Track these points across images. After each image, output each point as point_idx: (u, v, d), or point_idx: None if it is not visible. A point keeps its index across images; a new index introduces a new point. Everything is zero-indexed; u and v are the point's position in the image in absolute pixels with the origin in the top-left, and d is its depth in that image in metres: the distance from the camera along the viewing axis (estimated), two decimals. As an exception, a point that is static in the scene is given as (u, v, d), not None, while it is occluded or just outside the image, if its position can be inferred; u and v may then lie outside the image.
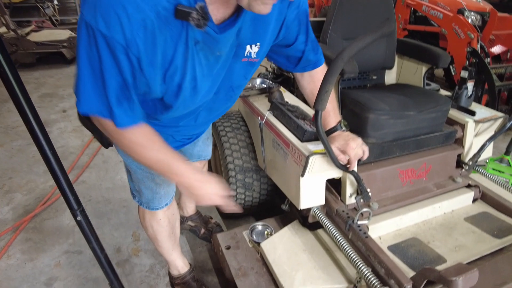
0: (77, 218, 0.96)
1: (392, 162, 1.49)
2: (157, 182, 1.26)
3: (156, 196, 1.30)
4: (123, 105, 0.80)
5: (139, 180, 1.25)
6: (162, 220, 1.40)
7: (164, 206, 1.36)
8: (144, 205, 1.34)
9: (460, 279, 0.99)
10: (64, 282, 1.70)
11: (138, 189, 1.29)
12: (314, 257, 1.40)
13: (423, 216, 1.52)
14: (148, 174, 1.22)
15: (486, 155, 1.75)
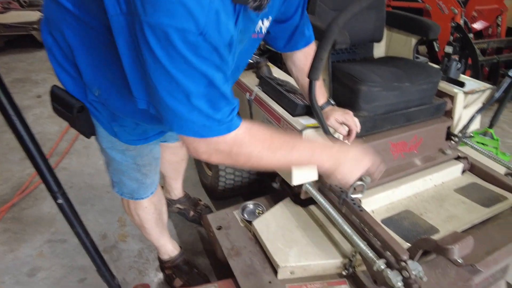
0: (58, 201, 0.89)
1: (384, 136, 1.47)
2: (143, 172, 1.19)
3: (142, 186, 1.23)
4: (224, 107, 0.71)
5: (123, 171, 1.16)
6: (148, 207, 1.33)
7: (150, 194, 1.29)
8: (127, 196, 1.26)
9: (456, 246, 0.99)
10: (48, 272, 1.63)
11: (120, 180, 1.21)
12: (308, 233, 1.37)
13: (415, 188, 1.51)
14: (134, 165, 1.14)
15: (475, 127, 1.75)
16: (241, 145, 0.76)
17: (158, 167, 1.26)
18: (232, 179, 1.77)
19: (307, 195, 1.42)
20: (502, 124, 3.27)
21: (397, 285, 1.03)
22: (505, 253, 1.17)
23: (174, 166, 1.68)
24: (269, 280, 1.27)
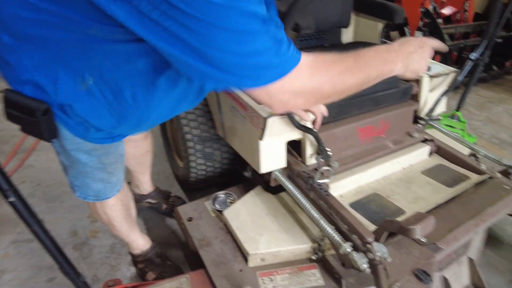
0: (10, 199, 0.85)
1: (351, 121, 1.48)
2: (109, 171, 1.14)
3: (108, 186, 1.19)
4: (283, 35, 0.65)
5: (87, 173, 1.11)
6: (115, 205, 1.30)
7: (116, 193, 1.25)
8: (92, 198, 1.21)
9: (418, 227, 1.01)
10: (14, 273, 1.58)
11: (84, 183, 1.15)
12: (278, 219, 1.38)
13: (383, 172, 1.54)
14: (100, 164, 1.09)
15: (441, 110, 1.79)
16: (320, 71, 0.72)
17: (124, 163, 1.23)
18: (203, 169, 1.75)
19: (277, 182, 1.42)
20: (469, 107, 3.38)
21: (362, 267, 1.05)
22: (465, 230, 1.21)
23: (139, 159, 1.64)
24: (240, 269, 1.27)
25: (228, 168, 1.84)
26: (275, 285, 1.22)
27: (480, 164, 1.60)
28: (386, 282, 1.04)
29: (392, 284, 1.04)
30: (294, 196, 1.30)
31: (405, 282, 1.05)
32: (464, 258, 1.38)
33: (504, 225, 1.93)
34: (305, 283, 1.23)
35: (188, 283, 1.30)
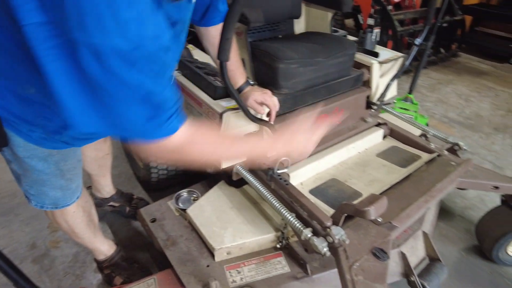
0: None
1: (306, 110, 1.52)
2: (68, 177, 1.10)
3: (67, 192, 1.14)
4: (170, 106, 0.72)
5: (44, 181, 1.05)
6: (76, 212, 1.25)
7: (76, 199, 1.20)
8: (49, 207, 1.15)
9: (372, 208, 1.06)
10: (-31, 292, 1.49)
11: (40, 192, 1.09)
12: (242, 212, 1.40)
13: (340, 157, 1.60)
14: (58, 171, 1.05)
15: (391, 94, 1.88)
16: (192, 143, 0.79)
17: (81, 169, 1.18)
18: (165, 169, 1.73)
19: (239, 176, 1.43)
20: (421, 89, 3.56)
21: (323, 250, 1.09)
22: (416, 207, 1.29)
23: (99, 162, 1.59)
24: (207, 264, 1.28)
25: (191, 165, 1.82)
26: (243, 276, 1.24)
27: (430, 143, 1.71)
28: (346, 263, 1.09)
29: (352, 265, 1.09)
30: (255, 188, 1.32)
31: (364, 261, 1.10)
32: (419, 233, 1.47)
33: (455, 198, 2.08)
34: (271, 271, 1.26)
35: (156, 284, 1.29)
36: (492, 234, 1.59)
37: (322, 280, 1.27)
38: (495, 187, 1.51)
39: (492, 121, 3.03)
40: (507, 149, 2.64)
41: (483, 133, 2.83)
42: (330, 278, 1.28)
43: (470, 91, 3.60)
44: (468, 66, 4.30)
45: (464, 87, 3.68)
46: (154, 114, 0.70)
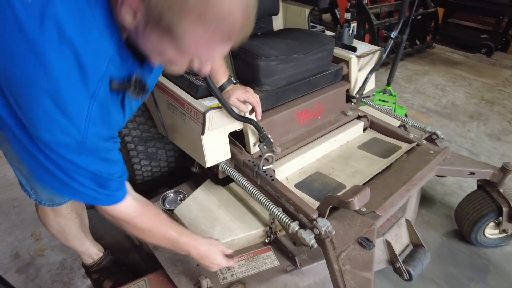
0: None
1: (288, 106, 1.54)
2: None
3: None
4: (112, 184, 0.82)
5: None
6: (70, 213, 1.24)
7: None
8: (46, 203, 1.14)
9: (356, 198, 1.10)
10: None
11: (37, 186, 1.08)
12: (230, 210, 1.41)
13: (323, 151, 1.63)
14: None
15: (370, 87, 1.92)
16: (129, 218, 0.91)
17: None
18: (149, 170, 1.72)
19: (225, 174, 1.45)
20: (400, 80, 3.65)
21: (310, 243, 1.11)
22: (398, 196, 1.34)
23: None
24: (197, 263, 1.29)
25: (175, 166, 1.82)
26: (233, 273, 1.26)
27: (409, 134, 1.76)
28: (334, 253, 1.12)
29: (339, 255, 1.12)
30: (242, 185, 1.33)
31: (351, 251, 1.14)
32: (402, 221, 1.52)
33: (435, 186, 2.15)
34: (261, 266, 1.28)
35: (147, 285, 1.29)
36: (470, 217, 1.65)
37: (311, 271, 1.30)
38: (471, 172, 1.58)
39: (467, 110, 3.14)
40: (481, 136, 2.74)
41: (459, 122, 2.93)
42: (319, 269, 1.31)
43: (445, 81, 3.71)
44: (442, 57, 4.43)
45: (440, 77, 3.79)
46: (101, 185, 0.79)
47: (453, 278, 1.59)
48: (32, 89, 0.61)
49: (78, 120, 0.66)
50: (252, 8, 0.64)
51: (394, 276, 1.55)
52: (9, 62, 0.60)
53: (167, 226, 1.00)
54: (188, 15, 0.58)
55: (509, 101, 3.36)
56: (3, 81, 0.63)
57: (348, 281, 1.03)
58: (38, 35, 0.58)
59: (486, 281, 1.59)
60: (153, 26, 0.62)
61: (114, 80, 0.69)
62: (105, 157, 0.76)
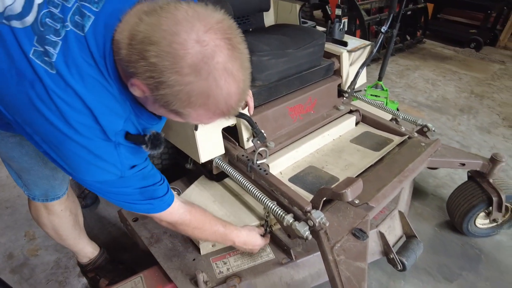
0: None
1: (281, 101, 1.55)
2: (52, 166, 1.07)
3: (55, 183, 1.13)
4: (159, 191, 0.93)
5: (27, 170, 1.04)
6: (63, 211, 1.23)
7: (65, 192, 1.19)
8: (41, 199, 1.14)
9: (348, 190, 1.11)
10: None
11: (28, 181, 1.08)
12: (225, 205, 1.42)
13: (316, 145, 1.64)
14: (38, 158, 1.02)
15: (361, 81, 1.94)
16: (184, 218, 1.02)
17: None
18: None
19: (219, 169, 1.45)
20: (391, 75, 3.68)
21: (305, 234, 1.13)
22: (391, 188, 1.36)
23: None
24: (193, 258, 1.30)
25: (169, 164, 1.82)
26: (229, 267, 1.26)
27: (401, 127, 1.78)
28: (328, 244, 1.14)
29: (333, 246, 1.13)
30: (236, 179, 1.34)
31: (345, 242, 1.15)
32: (395, 212, 1.54)
33: (427, 178, 2.18)
34: (257, 259, 1.29)
35: (143, 281, 1.29)
36: (461, 208, 1.68)
37: (306, 264, 1.31)
38: (462, 163, 1.60)
39: (458, 103, 3.18)
40: (472, 129, 2.78)
41: (450, 115, 2.97)
42: (314, 262, 1.32)
43: (436, 75, 3.75)
44: (433, 52, 4.48)
45: (430, 72, 3.84)
46: (150, 197, 0.89)
47: (445, 268, 1.62)
48: (69, 145, 0.72)
49: (114, 160, 0.76)
50: (246, 86, 0.72)
51: (388, 267, 1.57)
52: (44, 126, 0.70)
53: (214, 222, 1.12)
54: (192, 104, 0.67)
55: (498, 94, 3.41)
56: (41, 139, 0.73)
57: (342, 271, 1.05)
58: (66, 106, 0.68)
59: (477, 270, 1.62)
60: (161, 106, 0.71)
61: (130, 134, 0.78)
62: (143, 176, 0.85)
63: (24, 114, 0.70)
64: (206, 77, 0.64)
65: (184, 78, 0.63)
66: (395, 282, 1.55)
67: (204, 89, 0.65)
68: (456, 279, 1.57)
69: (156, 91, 0.65)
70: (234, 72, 0.67)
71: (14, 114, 0.71)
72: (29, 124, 0.71)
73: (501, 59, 4.35)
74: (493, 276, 1.60)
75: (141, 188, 0.86)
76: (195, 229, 1.07)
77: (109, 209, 1.89)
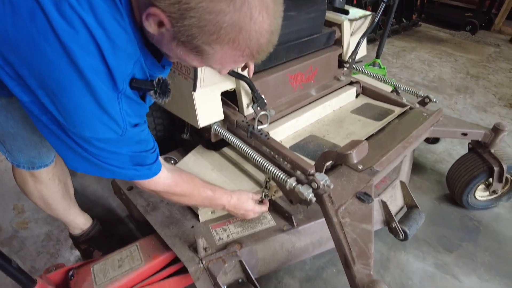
0: None
1: (281, 68, 1.49)
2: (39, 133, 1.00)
3: (43, 150, 1.05)
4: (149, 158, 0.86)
5: (12, 136, 0.96)
6: (51, 180, 1.16)
7: (53, 159, 1.12)
8: (26, 166, 1.06)
9: (354, 151, 1.07)
10: None
11: (12, 148, 1.00)
12: (224, 173, 1.37)
13: (316, 115, 1.60)
14: (25, 124, 0.95)
15: (362, 53, 1.89)
16: (169, 188, 0.96)
17: None
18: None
19: (218, 137, 1.40)
20: (387, 56, 3.65)
21: (309, 197, 1.09)
22: (395, 152, 1.32)
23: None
24: (191, 225, 1.25)
25: (164, 136, 1.76)
26: (229, 233, 1.22)
27: (402, 98, 1.75)
28: (332, 207, 1.10)
29: (338, 209, 1.10)
30: (236, 145, 1.29)
31: (349, 205, 1.12)
32: (397, 182, 1.51)
33: (426, 154, 2.16)
34: (257, 226, 1.25)
35: (139, 250, 1.25)
36: (461, 180, 1.67)
37: (308, 231, 1.28)
38: (464, 134, 1.58)
39: (454, 84, 3.17)
40: (468, 108, 2.78)
41: (446, 94, 2.96)
42: (316, 229, 1.29)
43: (432, 57, 3.73)
44: (428, 35, 4.45)
45: (426, 53, 3.81)
46: (139, 163, 0.82)
47: (445, 239, 1.61)
48: (71, 92, 0.62)
49: (117, 116, 0.69)
50: (277, 28, 0.67)
51: (389, 238, 1.56)
52: (44, 67, 0.60)
53: (202, 187, 1.06)
54: (220, 40, 0.60)
55: (494, 75, 3.41)
56: (38, 84, 0.63)
57: (348, 233, 1.01)
58: (71, 41, 0.58)
59: (476, 241, 1.62)
60: (180, 43, 0.64)
61: (137, 79, 0.70)
62: (139, 139, 0.79)
63: (21, 53, 0.59)
64: (240, 7, 0.57)
65: (216, 5, 0.56)
66: (395, 252, 1.53)
67: (236, 20, 0.58)
68: (456, 250, 1.56)
69: (181, 20, 0.58)
70: (270, 5, 0.60)
71: (8, 55, 0.61)
72: (26, 65, 0.61)
73: (496, 42, 4.35)
74: (492, 246, 1.59)
75: (134, 152, 0.80)
76: (181, 197, 1.02)
77: (102, 182, 1.83)
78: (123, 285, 1.15)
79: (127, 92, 0.69)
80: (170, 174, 0.95)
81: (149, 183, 0.90)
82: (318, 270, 1.43)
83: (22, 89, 0.65)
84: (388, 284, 1.39)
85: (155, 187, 0.93)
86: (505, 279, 1.44)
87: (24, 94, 0.65)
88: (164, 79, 0.75)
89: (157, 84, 0.73)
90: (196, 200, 1.07)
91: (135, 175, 0.84)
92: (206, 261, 1.12)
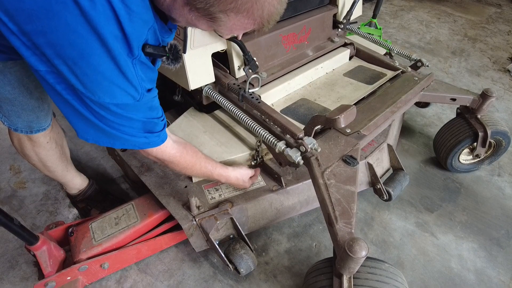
0: None
1: (274, 28, 1.46)
2: (37, 96, 1.01)
3: (41, 114, 1.07)
4: (158, 126, 0.89)
5: (9, 101, 0.97)
6: (49, 143, 1.19)
7: (50, 123, 1.14)
8: (24, 130, 1.08)
9: (342, 116, 1.10)
10: None
11: (10, 113, 1.01)
12: (215, 135, 1.40)
13: (308, 78, 1.60)
14: (23, 88, 0.96)
15: (357, 13, 1.85)
16: (174, 158, 0.99)
17: None
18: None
19: (209, 100, 1.41)
20: (384, 16, 3.55)
21: (297, 160, 1.13)
22: (383, 117, 1.35)
23: None
24: (185, 185, 1.30)
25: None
26: (221, 193, 1.28)
27: (394, 61, 1.74)
28: (319, 170, 1.14)
29: (324, 171, 1.14)
30: (227, 108, 1.31)
31: (335, 167, 1.16)
32: (384, 145, 1.56)
33: (416, 117, 2.20)
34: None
35: (134, 208, 1.30)
36: (447, 144, 1.72)
37: (296, 191, 1.34)
38: (452, 99, 1.60)
39: (450, 46, 3.13)
40: (462, 72, 2.77)
41: (441, 57, 2.94)
42: (303, 189, 1.35)
43: (430, 17, 3.65)
44: (429, -7, 4.31)
45: (425, 13, 3.72)
46: (149, 131, 0.85)
47: (427, 199, 1.69)
48: (92, 58, 0.64)
49: (134, 81, 0.71)
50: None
51: (374, 198, 1.63)
52: (64, 35, 0.60)
53: (204, 162, 1.11)
54: (237, 9, 0.64)
55: (491, 38, 3.36)
56: (55, 53, 0.63)
57: (332, 193, 1.07)
58: (91, 8, 0.59)
59: (456, 201, 1.70)
60: (194, 9, 0.65)
61: (150, 45, 0.72)
62: (151, 106, 0.81)
63: (38, 23, 0.59)
64: None
65: None
66: (379, 212, 1.61)
67: None
68: (436, 210, 1.65)
69: None
70: None
71: (24, 24, 0.60)
72: (43, 34, 0.60)
73: (497, 2, 4.23)
74: (470, 206, 1.68)
75: (147, 118, 0.82)
76: (184, 168, 1.05)
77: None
78: (120, 241, 1.22)
79: (141, 58, 0.71)
80: (176, 145, 1.00)
81: (157, 151, 0.93)
82: (305, 227, 1.51)
83: (39, 58, 0.65)
84: (371, 241, 1.49)
85: (162, 156, 0.96)
86: (478, 236, 1.54)
87: (40, 63, 0.65)
88: (176, 45, 0.76)
89: (169, 50, 0.75)
90: (195, 172, 1.11)
91: (144, 143, 0.87)
92: (199, 218, 1.18)
